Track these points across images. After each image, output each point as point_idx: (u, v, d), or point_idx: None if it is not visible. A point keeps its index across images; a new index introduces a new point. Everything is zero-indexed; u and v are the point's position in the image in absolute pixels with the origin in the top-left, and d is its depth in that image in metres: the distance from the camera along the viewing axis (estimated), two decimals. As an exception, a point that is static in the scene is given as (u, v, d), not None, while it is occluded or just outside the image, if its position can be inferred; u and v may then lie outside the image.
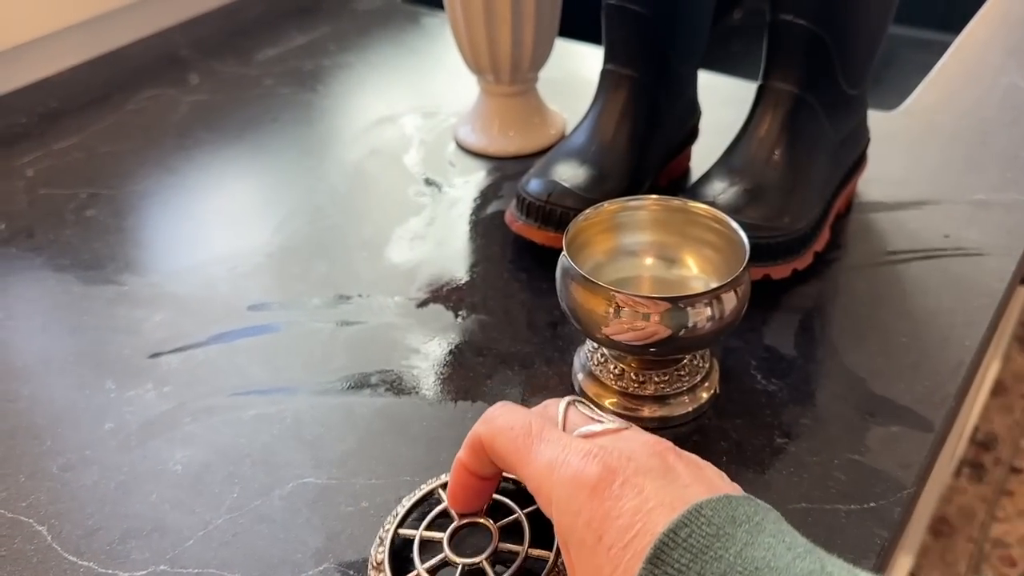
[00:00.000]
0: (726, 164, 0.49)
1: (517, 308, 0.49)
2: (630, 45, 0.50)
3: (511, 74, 0.59)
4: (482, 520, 0.35)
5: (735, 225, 0.40)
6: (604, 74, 0.52)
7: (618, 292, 0.37)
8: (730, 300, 0.38)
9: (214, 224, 0.56)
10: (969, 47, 0.71)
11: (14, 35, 0.72)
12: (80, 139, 0.66)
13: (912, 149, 0.59)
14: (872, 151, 0.59)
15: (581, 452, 0.29)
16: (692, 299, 0.37)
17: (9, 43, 0.72)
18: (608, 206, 0.42)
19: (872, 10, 0.46)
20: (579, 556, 0.27)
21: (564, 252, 0.39)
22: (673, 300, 0.37)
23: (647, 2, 0.49)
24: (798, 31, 0.46)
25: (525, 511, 0.35)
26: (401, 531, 0.36)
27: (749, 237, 0.46)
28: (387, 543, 0.35)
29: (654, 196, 0.42)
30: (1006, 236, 0.51)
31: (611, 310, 0.37)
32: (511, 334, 0.47)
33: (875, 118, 0.62)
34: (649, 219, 0.43)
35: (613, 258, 0.43)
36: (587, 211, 0.41)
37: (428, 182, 0.59)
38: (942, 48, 1.33)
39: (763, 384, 0.43)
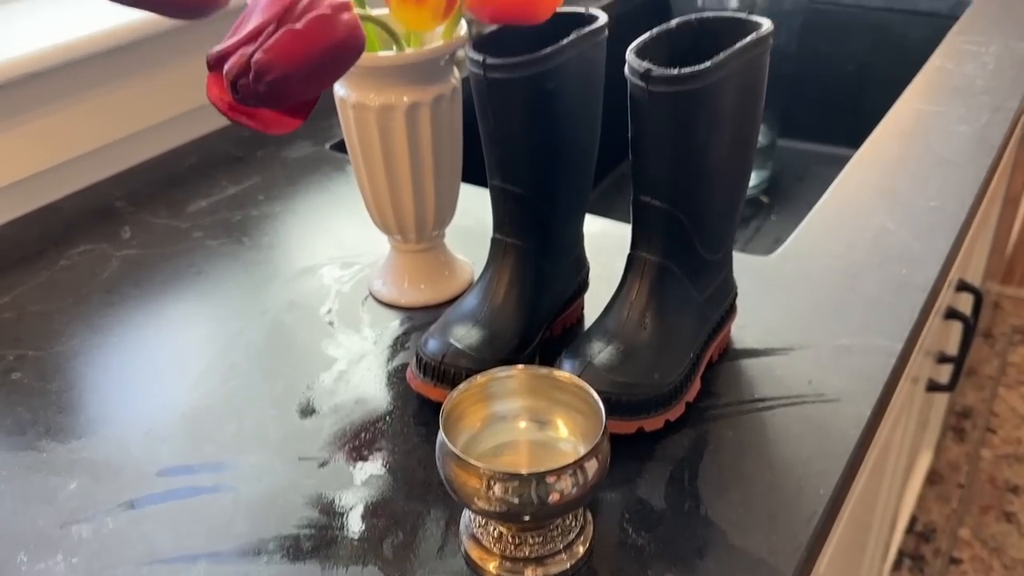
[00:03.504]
0: (602, 326, 0.53)
1: (414, 465, 0.52)
2: (514, 219, 0.56)
3: (417, 234, 0.64)
4: None
5: (595, 395, 0.44)
6: (493, 242, 0.57)
7: (488, 469, 0.41)
8: (592, 466, 0.42)
9: (134, 384, 0.59)
10: (844, 188, 0.77)
11: (-47, 197, 0.76)
12: (11, 298, 0.69)
13: (785, 294, 0.64)
14: (748, 296, 0.64)
15: None
16: (557, 472, 0.41)
17: (-52, 205, 0.76)
18: (479, 379, 0.46)
19: (719, 195, 0.52)
20: None
21: (440, 428, 0.43)
22: (539, 475, 0.41)
23: (526, 185, 0.54)
24: (656, 210, 0.51)
25: None
26: None
27: (623, 394, 0.51)
28: None
29: (521, 366, 0.47)
30: (864, 382, 0.56)
31: (483, 485, 0.41)
32: (406, 492, 0.50)
33: (752, 263, 0.68)
34: (519, 387, 0.47)
35: (489, 425, 0.47)
36: (460, 386, 0.45)
37: (340, 336, 0.63)
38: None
39: (633, 538, 0.46)
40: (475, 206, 0.77)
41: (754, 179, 1.34)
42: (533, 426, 0.47)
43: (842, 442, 0.52)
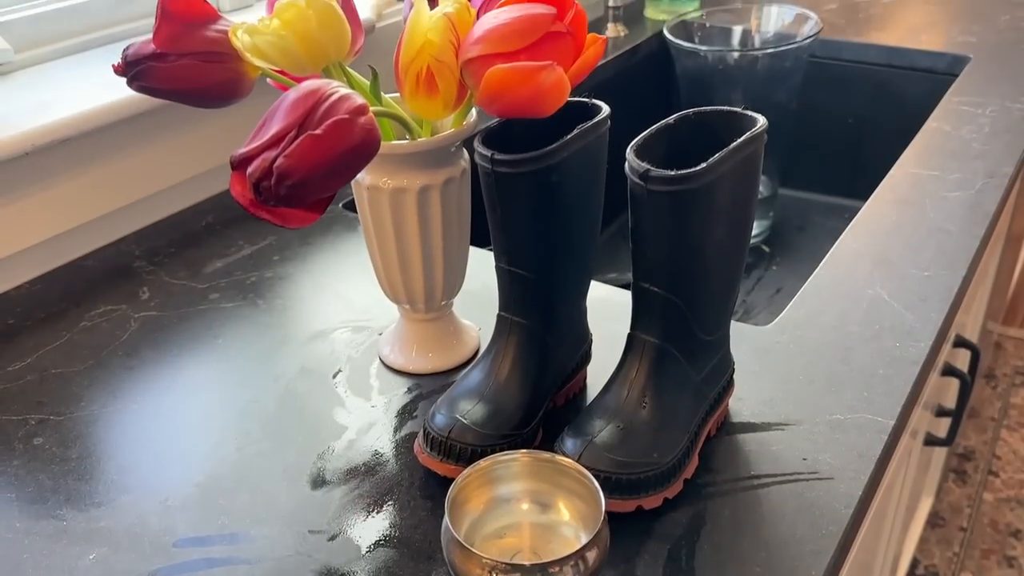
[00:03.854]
0: (602, 404, 0.56)
1: (420, 539, 0.54)
2: (520, 299, 0.58)
3: (426, 304, 0.67)
4: None
5: (595, 483, 0.47)
6: (499, 319, 0.60)
7: (490, 560, 0.43)
8: (593, 555, 0.44)
9: (152, 451, 0.62)
10: (840, 258, 0.80)
11: (-21, 258, 0.79)
12: (35, 359, 0.72)
13: (780, 366, 0.67)
14: (745, 367, 0.66)
15: None
16: (559, 562, 0.43)
17: (-26, 266, 0.78)
18: (483, 463, 0.48)
19: (715, 281, 0.54)
20: None
21: (446, 514, 0.45)
22: (542, 566, 0.43)
23: (532, 268, 0.56)
24: (655, 296, 0.53)
25: None
26: None
27: (623, 472, 0.53)
28: None
29: (524, 450, 0.49)
30: (856, 459, 0.58)
31: (485, 574, 0.43)
32: (413, 568, 0.52)
33: (749, 333, 0.70)
34: (522, 470, 0.49)
35: (492, 507, 0.49)
36: (465, 471, 0.47)
37: (350, 403, 0.66)
38: (851, 212, 1.44)
39: (631, 618, 0.48)
40: (481, 270, 0.80)
41: (756, 228, 1.37)
42: (535, 508, 0.49)
43: (835, 522, 0.53)
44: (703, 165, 0.49)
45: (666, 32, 1.27)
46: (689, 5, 1.45)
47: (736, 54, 1.23)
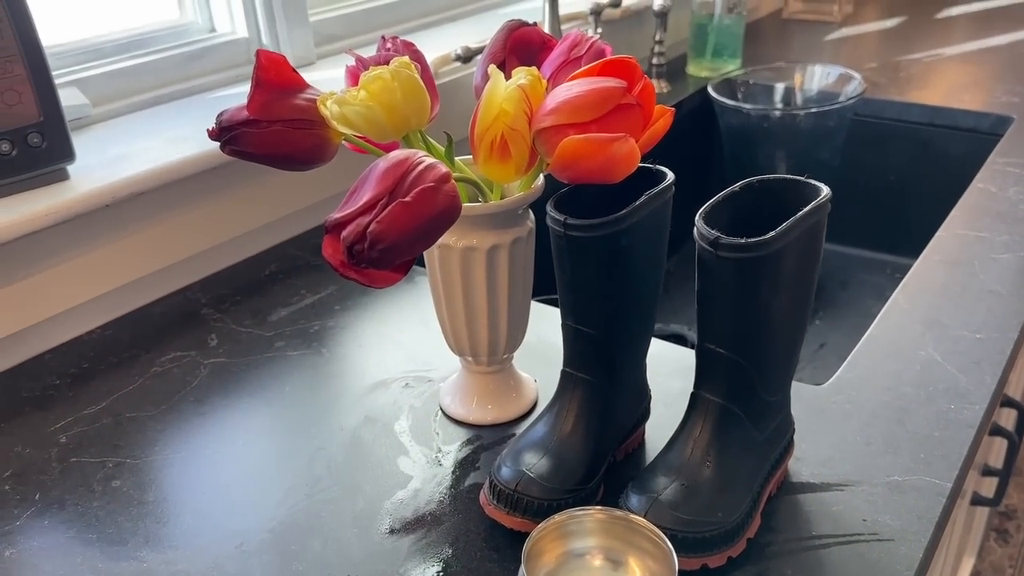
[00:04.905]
0: (666, 461, 0.57)
1: (488, 590, 0.55)
2: (585, 356, 0.60)
3: (488, 358, 0.69)
4: None
5: (668, 544, 0.48)
6: (563, 375, 0.62)
7: (564, 611, 0.44)
8: (664, 612, 0.45)
9: (226, 497, 0.64)
10: (892, 317, 0.81)
11: (51, 307, 0.82)
12: (109, 403, 0.75)
13: (838, 427, 0.68)
14: (803, 427, 0.68)
15: None
16: (631, 614, 0.44)
17: (47, 314, 0.82)
18: (558, 517, 0.50)
19: (779, 344, 0.56)
20: None
21: (523, 566, 0.47)
22: (614, 617, 0.44)
23: (597, 327, 0.58)
24: (719, 357, 0.55)
25: None
26: None
27: (688, 531, 0.54)
28: None
29: (598, 507, 0.50)
30: (916, 521, 0.59)
31: (560, 625, 0.44)
32: (481, 618, 0.53)
33: (805, 393, 0.71)
34: (595, 526, 0.50)
35: (564, 562, 0.50)
36: (540, 525, 0.49)
37: (414, 452, 0.67)
38: (895, 268, 1.45)
39: (698, 675, 0.49)
40: (537, 323, 0.82)
41: (798, 282, 1.38)
42: (607, 565, 0.50)
43: (896, 584, 0.54)
44: (772, 233, 0.51)
45: (710, 89, 1.30)
46: (731, 63, 1.49)
47: (779, 112, 1.26)
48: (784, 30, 1.79)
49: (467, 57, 1.13)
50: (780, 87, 1.37)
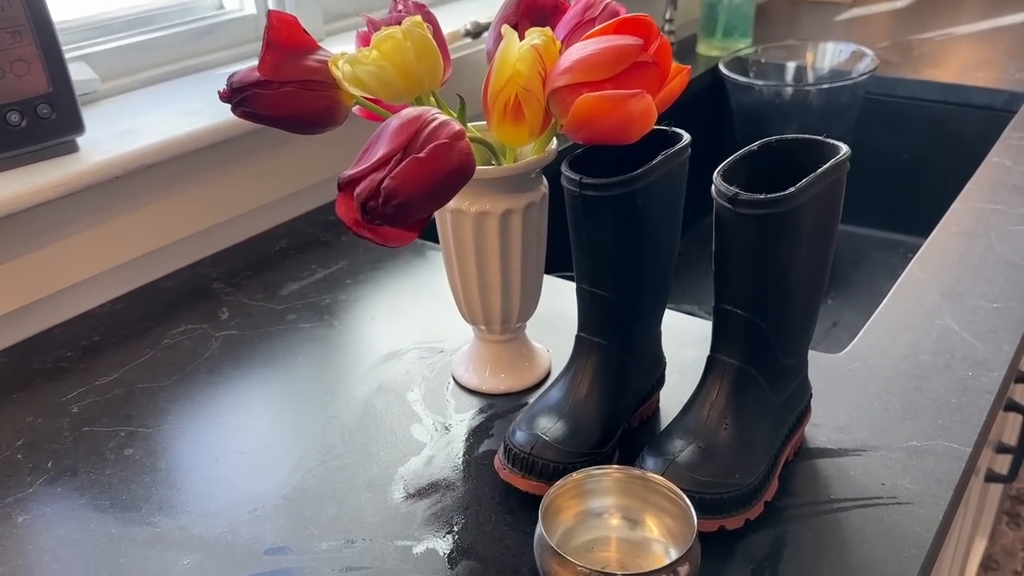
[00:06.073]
0: (683, 424, 0.56)
1: (503, 554, 0.55)
2: (600, 320, 0.59)
3: (501, 326, 0.68)
4: None
5: (687, 501, 0.47)
6: (578, 339, 0.61)
7: (585, 568, 0.44)
8: (685, 570, 0.45)
9: (239, 464, 0.64)
10: (908, 288, 0.80)
11: (60, 280, 0.82)
12: (121, 374, 0.74)
13: (855, 394, 0.67)
14: (819, 394, 0.67)
15: None
16: (653, 573, 0.44)
17: (56, 287, 0.82)
18: (576, 476, 0.49)
19: (798, 304, 0.55)
20: None
21: (540, 522, 0.46)
22: None
23: (613, 288, 0.58)
24: (737, 318, 0.55)
25: None
26: None
27: (705, 492, 0.53)
28: None
29: (616, 466, 0.50)
30: (935, 485, 0.58)
31: (578, 581, 0.44)
32: (497, 580, 0.53)
33: (822, 361, 0.71)
34: (613, 485, 0.50)
35: (582, 521, 0.50)
36: (557, 483, 0.49)
37: (427, 420, 0.67)
38: (906, 248, 1.44)
39: (717, 635, 0.49)
40: (549, 295, 0.81)
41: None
42: (625, 524, 0.50)
43: (916, 546, 0.54)
44: (792, 189, 0.50)
45: (722, 67, 1.29)
46: (742, 42, 1.48)
47: (791, 89, 1.25)
48: (794, 10, 1.78)
49: (476, 32, 1.12)
50: (792, 65, 1.36)
